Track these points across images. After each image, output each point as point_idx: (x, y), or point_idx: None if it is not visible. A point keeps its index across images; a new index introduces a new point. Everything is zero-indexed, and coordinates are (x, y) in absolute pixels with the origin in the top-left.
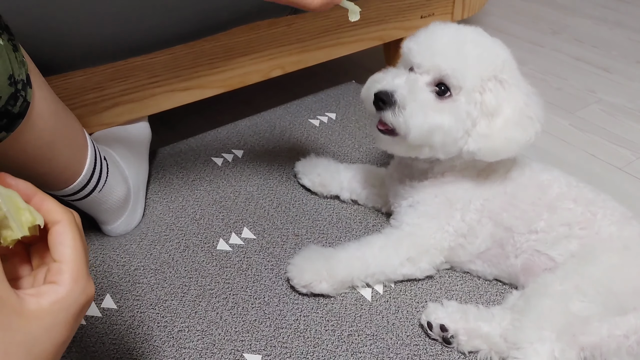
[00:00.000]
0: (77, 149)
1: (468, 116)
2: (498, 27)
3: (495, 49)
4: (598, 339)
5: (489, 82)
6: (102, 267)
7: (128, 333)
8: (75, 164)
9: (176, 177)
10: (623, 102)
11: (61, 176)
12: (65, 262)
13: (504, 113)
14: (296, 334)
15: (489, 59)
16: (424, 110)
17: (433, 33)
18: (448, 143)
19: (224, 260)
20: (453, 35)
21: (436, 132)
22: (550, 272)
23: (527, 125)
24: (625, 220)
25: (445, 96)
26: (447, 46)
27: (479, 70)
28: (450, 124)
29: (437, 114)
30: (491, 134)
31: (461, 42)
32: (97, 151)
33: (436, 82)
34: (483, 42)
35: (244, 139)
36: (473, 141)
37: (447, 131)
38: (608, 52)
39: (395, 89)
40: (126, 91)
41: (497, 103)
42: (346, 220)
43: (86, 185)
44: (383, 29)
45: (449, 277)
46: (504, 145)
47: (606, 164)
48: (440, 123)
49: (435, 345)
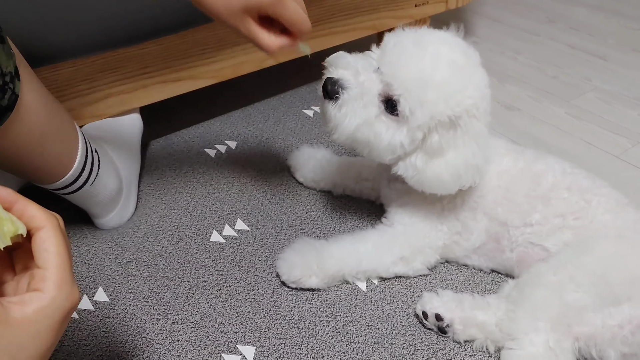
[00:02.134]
0: (68, 142)
1: (401, 147)
2: (493, 16)
3: (467, 92)
4: (592, 329)
5: (439, 126)
6: (94, 260)
7: (121, 326)
8: (66, 157)
9: (169, 169)
10: (619, 90)
11: (52, 170)
12: (49, 268)
13: (445, 157)
14: (290, 325)
15: (452, 104)
16: (358, 120)
17: (414, 47)
18: (373, 155)
19: (217, 252)
20: (430, 59)
21: (361, 144)
22: (544, 262)
23: (465, 174)
24: (621, 208)
25: (391, 113)
26: (415, 71)
27: (433, 110)
28: (380, 144)
29: (370, 129)
30: (422, 170)
31: (430, 75)
32: (88, 144)
33: (388, 96)
34: (457, 81)
35: (237, 130)
36: (403, 167)
37: (374, 148)
38: (604, 41)
39: (347, 86)
40: (117, 82)
41: (441, 147)
42: (340, 211)
43: (77, 178)
44: (376, 18)
45: (445, 266)
46: (432, 184)
47: (603, 152)
48: (370, 140)
49: (431, 334)
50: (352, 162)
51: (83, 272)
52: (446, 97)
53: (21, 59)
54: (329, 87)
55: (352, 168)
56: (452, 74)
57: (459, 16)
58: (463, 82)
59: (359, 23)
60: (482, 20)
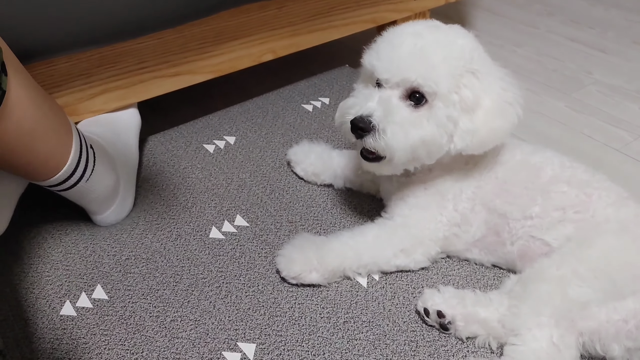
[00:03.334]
0: (61, 138)
1: (449, 119)
2: (493, 9)
3: (458, 42)
4: (597, 324)
5: (462, 78)
6: (92, 257)
7: (120, 324)
8: (59, 154)
9: (167, 165)
10: (620, 82)
11: (44, 166)
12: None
13: (483, 104)
14: (291, 322)
15: (456, 55)
16: (403, 129)
17: (391, 44)
18: (433, 151)
19: (216, 249)
20: (412, 41)
21: (420, 147)
22: (547, 257)
23: (508, 111)
24: (622, 201)
25: (422, 104)
26: (411, 55)
27: (449, 70)
28: (433, 134)
29: (417, 128)
30: (475, 128)
31: (423, 47)
32: (82, 140)
33: (409, 93)
34: (445, 38)
35: (236, 125)
36: (459, 139)
37: (430, 142)
38: (604, 33)
39: (371, 112)
40: (114, 77)
41: (475, 96)
42: (341, 207)
43: (72, 175)
44: (376, 12)
45: (446, 262)
46: (490, 136)
47: (603, 145)
48: (423, 136)
49: (433, 331)
50: (352, 155)
51: (81, 269)
52: (449, 52)
53: (9, 53)
54: (360, 124)
55: (352, 160)
56: (436, 34)
57: (458, 9)
58: (449, 35)
59: (358, 17)
60: (481, 13)
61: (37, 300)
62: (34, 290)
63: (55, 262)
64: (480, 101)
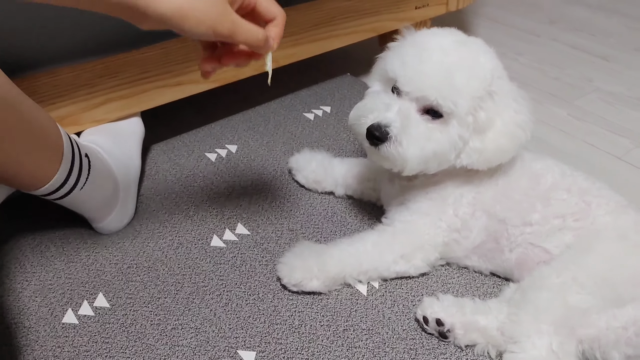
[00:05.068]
0: (48, 149)
1: (460, 138)
2: (494, 17)
3: (482, 61)
4: (596, 331)
5: (481, 101)
6: (94, 265)
7: (121, 332)
8: (47, 165)
9: (169, 174)
10: (622, 90)
11: (33, 176)
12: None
13: (495, 126)
14: (291, 330)
15: (479, 77)
16: (419, 142)
17: (418, 57)
18: (442, 163)
19: (217, 257)
20: (438, 58)
21: (432, 159)
22: (546, 265)
23: (517, 134)
24: (621, 209)
25: (438, 118)
26: (436, 74)
27: (470, 93)
28: (444, 149)
29: (431, 141)
30: (483, 148)
31: (449, 67)
32: (75, 149)
33: (427, 108)
34: (469, 57)
35: (237, 134)
36: (466, 156)
37: (440, 155)
38: (606, 40)
39: (389, 123)
40: (117, 87)
41: (489, 118)
42: (341, 215)
43: (63, 184)
44: (377, 21)
45: (445, 270)
46: (496, 156)
47: (605, 153)
48: (435, 150)
49: (432, 339)
50: (354, 162)
51: (83, 277)
52: (473, 74)
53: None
54: (376, 133)
55: (354, 168)
56: (462, 51)
57: (459, 18)
58: (473, 53)
59: (359, 26)
60: (482, 21)
61: (39, 309)
62: (36, 298)
63: (57, 270)
64: (492, 123)
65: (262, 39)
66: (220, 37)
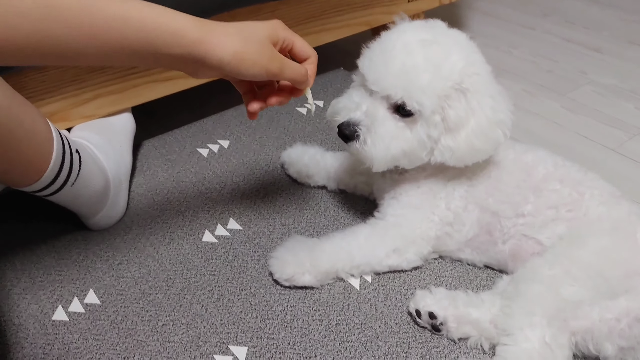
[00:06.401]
0: (39, 145)
1: (429, 138)
2: (487, 11)
3: (452, 59)
4: (589, 323)
5: (448, 99)
6: (85, 262)
7: (112, 328)
8: (38, 161)
9: (161, 169)
10: (615, 82)
11: (24, 173)
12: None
13: (468, 125)
14: (283, 325)
15: (444, 75)
16: (385, 141)
17: (383, 57)
18: (413, 161)
19: (209, 252)
20: (402, 59)
21: (401, 157)
22: (539, 257)
23: (493, 132)
24: (614, 200)
25: (406, 116)
26: (399, 74)
27: (434, 91)
28: (412, 147)
29: (399, 140)
30: (456, 146)
31: (412, 66)
32: (65, 145)
33: (396, 107)
34: (436, 56)
35: (230, 129)
36: (439, 153)
37: (410, 153)
38: (599, 33)
39: (357, 121)
40: (107, 83)
41: (459, 117)
42: (334, 209)
43: (54, 180)
44: (370, 14)
45: (438, 263)
46: (470, 154)
47: (599, 145)
48: (404, 148)
49: (425, 332)
50: (346, 156)
51: (74, 274)
52: (438, 73)
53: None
54: (345, 131)
55: (346, 162)
56: (428, 50)
57: (452, 11)
58: (443, 51)
59: (352, 19)
60: (476, 15)
61: (29, 306)
62: (26, 295)
63: (48, 267)
64: (465, 121)
65: (305, 74)
66: (271, 76)
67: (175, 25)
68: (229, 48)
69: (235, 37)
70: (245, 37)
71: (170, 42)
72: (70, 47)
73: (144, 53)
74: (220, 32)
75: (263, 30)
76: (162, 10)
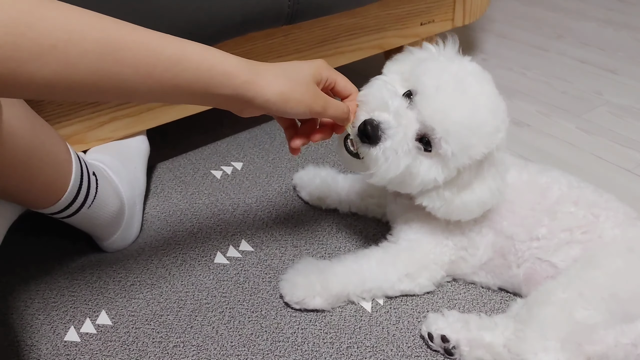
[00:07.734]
0: (59, 167)
1: (434, 181)
2: (501, 33)
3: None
4: (605, 347)
5: (473, 164)
6: (98, 283)
7: (122, 350)
8: (58, 183)
9: (175, 191)
10: (631, 103)
11: (43, 194)
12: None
13: (472, 188)
14: (293, 347)
15: (489, 142)
16: (400, 162)
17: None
18: (403, 189)
19: (221, 274)
20: (472, 104)
21: (396, 183)
22: (553, 279)
23: (490, 200)
24: (630, 222)
25: (425, 150)
26: (460, 117)
27: (473, 153)
28: (414, 180)
29: (408, 167)
30: (451, 200)
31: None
32: (83, 167)
33: (424, 136)
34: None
35: (243, 151)
36: (429, 199)
37: (408, 185)
38: (614, 54)
39: (387, 128)
40: (122, 105)
41: (470, 182)
42: (346, 231)
43: (72, 202)
44: (382, 37)
45: (451, 286)
46: (460, 212)
47: (615, 166)
48: (405, 177)
49: (437, 356)
50: (357, 179)
51: (87, 295)
52: (484, 139)
53: None
54: (370, 131)
55: (357, 185)
56: (489, 116)
57: (466, 33)
58: (497, 122)
59: (365, 42)
60: (489, 37)
61: (42, 327)
62: (39, 316)
63: (61, 288)
64: (471, 186)
65: (347, 111)
66: (314, 114)
67: (227, 67)
68: (275, 89)
69: (281, 78)
70: (290, 77)
71: (222, 83)
72: (127, 86)
73: (195, 93)
74: (268, 73)
75: (307, 70)
76: (215, 51)
